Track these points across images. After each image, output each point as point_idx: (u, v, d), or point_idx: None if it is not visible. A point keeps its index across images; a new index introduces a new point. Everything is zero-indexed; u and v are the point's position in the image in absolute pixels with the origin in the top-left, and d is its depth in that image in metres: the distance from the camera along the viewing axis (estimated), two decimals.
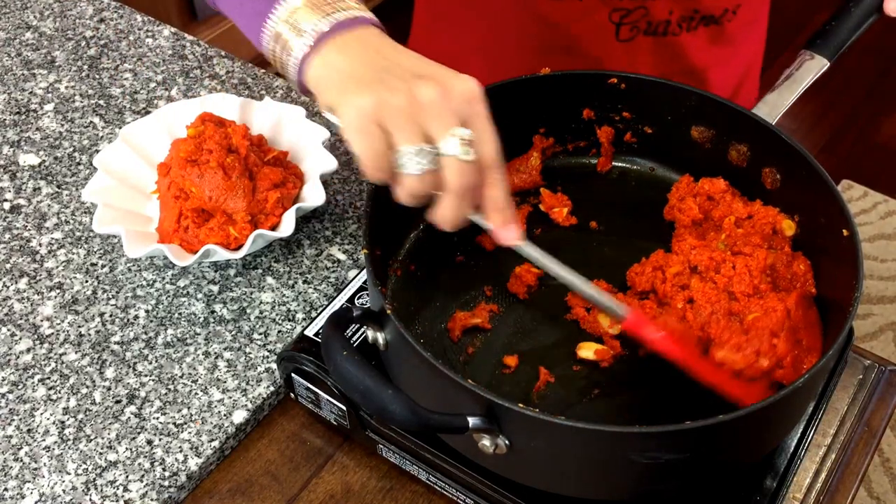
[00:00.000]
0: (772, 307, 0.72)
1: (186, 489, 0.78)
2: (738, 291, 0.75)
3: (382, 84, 0.63)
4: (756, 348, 0.70)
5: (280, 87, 1.10)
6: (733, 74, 1.10)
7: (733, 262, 0.76)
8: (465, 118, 0.63)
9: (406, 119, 0.62)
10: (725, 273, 0.76)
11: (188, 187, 0.87)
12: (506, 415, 0.62)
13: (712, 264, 0.77)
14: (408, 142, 0.62)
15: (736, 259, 0.77)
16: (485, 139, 0.64)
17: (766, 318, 0.72)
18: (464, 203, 0.65)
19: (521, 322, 0.79)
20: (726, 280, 0.76)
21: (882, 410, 0.79)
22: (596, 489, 0.69)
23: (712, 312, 0.74)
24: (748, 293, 0.75)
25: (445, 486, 0.75)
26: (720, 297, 0.75)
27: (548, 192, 0.87)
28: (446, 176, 0.63)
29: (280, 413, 0.83)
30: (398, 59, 0.65)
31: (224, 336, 0.86)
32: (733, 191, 0.83)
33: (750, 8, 1.04)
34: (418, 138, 0.62)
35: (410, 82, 0.62)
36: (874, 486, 1.77)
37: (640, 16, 0.98)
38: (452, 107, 0.62)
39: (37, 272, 0.91)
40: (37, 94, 1.10)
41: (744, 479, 0.72)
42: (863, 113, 2.58)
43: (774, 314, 0.72)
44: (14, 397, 0.82)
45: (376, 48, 0.66)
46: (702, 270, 0.77)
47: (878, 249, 2.20)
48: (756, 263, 0.76)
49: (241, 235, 0.86)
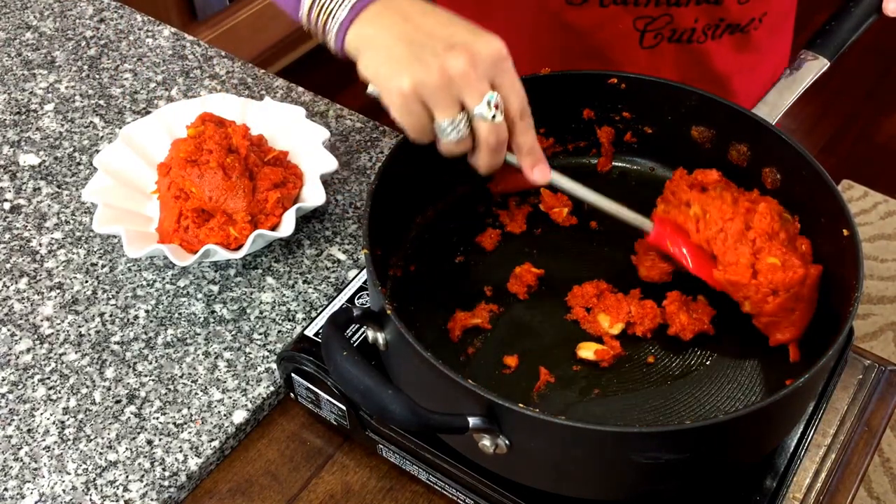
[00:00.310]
0: (793, 264, 0.73)
1: (186, 489, 0.78)
2: (757, 226, 0.75)
3: (418, 62, 0.67)
4: (749, 294, 0.72)
5: (280, 87, 1.10)
6: (758, 82, 1.09)
7: (753, 201, 0.77)
8: (493, 78, 0.68)
9: (443, 94, 0.67)
10: (744, 204, 0.77)
11: (188, 187, 0.87)
12: (506, 415, 0.62)
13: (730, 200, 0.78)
14: (446, 115, 0.68)
15: (756, 201, 0.77)
16: (513, 95, 0.70)
17: (782, 272, 0.73)
18: (498, 153, 0.72)
19: (521, 322, 0.79)
20: (745, 210, 0.76)
21: (882, 410, 0.79)
22: (596, 489, 0.69)
23: (721, 230, 0.75)
24: (767, 232, 0.75)
25: (445, 486, 0.75)
26: (735, 218, 0.75)
27: (548, 192, 0.87)
28: (480, 135, 0.70)
29: (280, 413, 0.83)
30: (427, 25, 0.69)
31: (224, 336, 0.86)
32: (727, 182, 0.83)
33: (776, 16, 1.04)
34: (455, 110, 0.68)
35: (441, 56, 0.67)
36: (874, 486, 1.77)
37: (665, 23, 0.98)
38: (480, 72, 0.67)
39: (37, 272, 0.91)
40: (37, 94, 1.10)
41: (744, 479, 0.72)
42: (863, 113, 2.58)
43: (792, 273, 0.72)
44: (14, 397, 0.82)
45: (405, 15, 0.70)
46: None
47: (878, 249, 2.20)
48: (776, 207, 0.77)
49: (241, 235, 0.86)
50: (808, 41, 0.86)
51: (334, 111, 1.07)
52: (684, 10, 0.97)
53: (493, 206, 0.88)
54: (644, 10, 0.97)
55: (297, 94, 1.09)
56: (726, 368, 0.75)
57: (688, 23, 0.98)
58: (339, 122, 1.06)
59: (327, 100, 1.09)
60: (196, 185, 0.87)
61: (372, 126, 1.05)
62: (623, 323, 0.77)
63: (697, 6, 0.97)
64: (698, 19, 0.98)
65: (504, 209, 0.87)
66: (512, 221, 0.86)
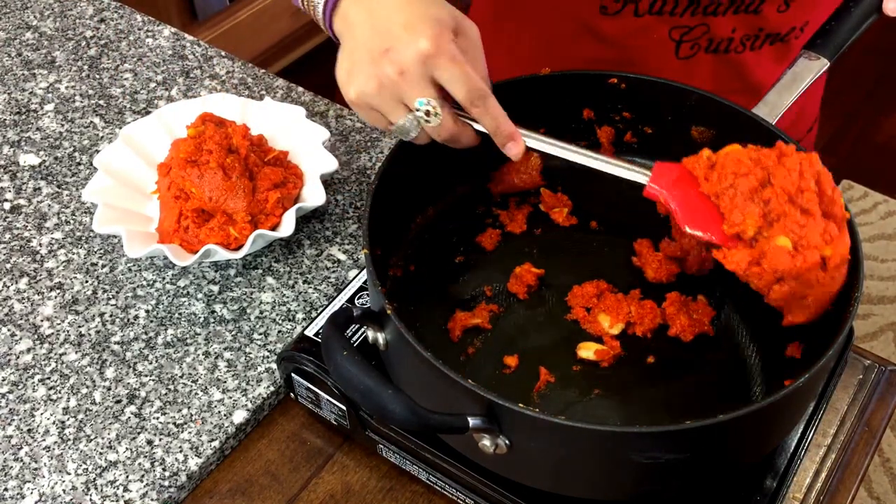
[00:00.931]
0: (809, 245, 0.64)
1: (186, 489, 0.78)
2: (778, 182, 0.65)
3: (360, 72, 0.71)
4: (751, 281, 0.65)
5: (280, 87, 1.10)
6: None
7: (785, 153, 0.67)
8: (430, 76, 0.70)
9: (382, 101, 0.71)
10: (770, 157, 0.67)
11: (188, 188, 0.87)
12: (506, 415, 0.62)
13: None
14: (393, 118, 0.72)
15: (789, 154, 0.67)
16: (456, 86, 0.70)
17: (790, 258, 0.64)
18: (457, 142, 0.75)
19: (521, 322, 0.79)
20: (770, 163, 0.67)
21: (882, 410, 0.79)
22: (596, 489, 0.69)
23: (732, 185, 0.67)
24: (788, 193, 0.65)
25: (445, 486, 0.75)
26: (752, 172, 0.66)
27: (548, 192, 0.87)
28: (430, 133, 0.74)
29: (280, 413, 0.83)
30: (380, 21, 0.71)
31: (224, 336, 0.86)
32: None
33: (818, 25, 1.03)
34: (400, 111, 0.72)
35: (376, 64, 0.70)
36: (874, 486, 1.77)
37: (701, 33, 0.96)
38: (411, 77, 0.69)
39: (37, 272, 0.91)
40: (37, 94, 1.10)
41: (744, 479, 0.72)
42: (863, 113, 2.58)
43: (802, 261, 0.64)
44: (14, 397, 0.82)
45: (370, 10, 0.72)
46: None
47: (878, 249, 2.20)
48: (813, 164, 0.66)
49: (241, 235, 0.86)
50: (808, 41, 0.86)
51: (334, 111, 1.07)
52: (721, 20, 0.95)
53: (493, 206, 0.88)
54: (680, 20, 0.95)
55: (297, 94, 1.09)
56: (726, 368, 0.75)
57: (725, 32, 0.96)
58: (339, 122, 1.06)
59: (327, 100, 1.09)
60: (196, 185, 0.87)
61: (372, 126, 1.05)
62: (623, 323, 0.77)
63: (735, 15, 0.95)
64: (736, 29, 0.96)
65: (504, 209, 0.87)
66: (512, 221, 0.86)
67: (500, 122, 0.73)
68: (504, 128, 0.74)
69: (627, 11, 0.95)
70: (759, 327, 0.78)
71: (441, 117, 0.72)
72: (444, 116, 0.72)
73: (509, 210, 0.87)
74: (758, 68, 1.01)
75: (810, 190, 0.66)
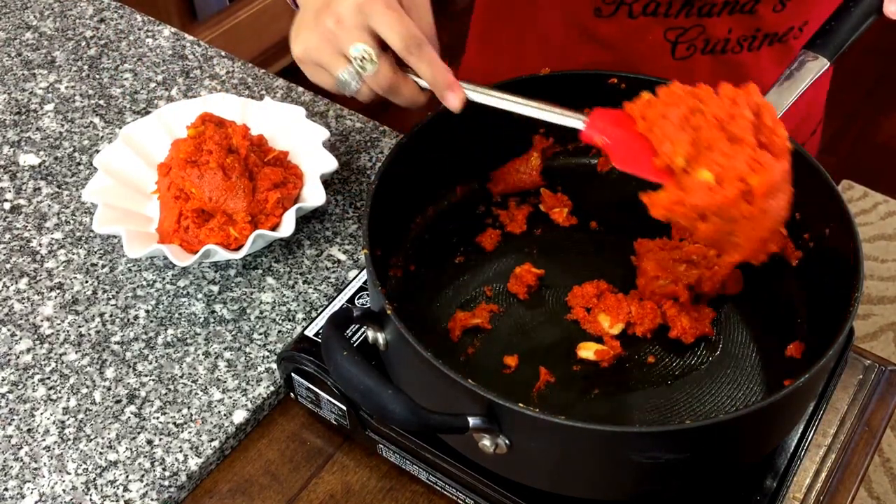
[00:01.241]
0: (733, 176, 0.61)
1: (186, 489, 0.78)
2: (709, 109, 0.63)
3: (305, 29, 0.74)
4: (674, 219, 0.63)
5: (280, 87, 1.10)
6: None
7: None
8: (366, 25, 0.71)
9: (323, 53, 0.73)
10: (706, 90, 0.65)
11: (188, 188, 0.87)
12: (506, 415, 0.62)
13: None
14: (334, 70, 0.73)
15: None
16: (391, 34, 0.71)
17: (709, 193, 0.62)
18: (396, 94, 0.75)
19: (521, 322, 0.79)
20: (703, 95, 0.65)
21: (882, 410, 0.79)
22: (596, 489, 0.69)
23: (663, 116, 0.66)
24: (718, 119, 0.62)
25: (445, 486, 0.75)
26: (683, 103, 0.64)
27: (548, 192, 0.87)
28: (369, 84, 0.74)
29: (280, 413, 0.83)
30: None
31: (224, 336, 0.86)
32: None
33: (819, 24, 1.02)
34: (340, 62, 0.73)
35: (318, 18, 0.72)
36: (874, 486, 1.77)
37: (697, 34, 0.95)
38: (349, 25, 0.71)
39: (37, 272, 0.91)
40: (37, 94, 1.10)
41: (744, 479, 0.72)
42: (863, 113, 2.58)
43: (722, 196, 0.61)
44: (14, 397, 0.82)
45: None
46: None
47: (878, 249, 2.20)
48: (750, 94, 0.64)
49: (241, 236, 0.86)
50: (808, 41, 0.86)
51: (334, 111, 1.07)
52: (716, 21, 0.95)
53: (493, 206, 0.88)
54: (675, 20, 0.94)
55: (297, 94, 1.09)
56: (726, 368, 0.75)
57: (721, 33, 0.96)
58: (339, 122, 1.06)
59: (327, 100, 1.09)
60: (196, 185, 0.87)
61: (372, 126, 1.05)
62: (623, 323, 0.77)
63: (730, 16, 0.95)
64: (732, 29, 0.96)
65: (504, 209, 0.87)
66: (512, 221, 0.86)
67: (437, 70, 0.73)
68: (441, 77, 0.73)
69: (622, 13, 0.95)
70: (759, 327, 0.78)
71: (377, 65, 0.72)
72: (381, 64, 0.72)
73: (509, 210, 0.87)
74: (757, 69, 1.00)
75: (742, 117, 0.63)
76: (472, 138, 0.84)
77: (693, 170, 0.63)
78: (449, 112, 0.74)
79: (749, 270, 0.80)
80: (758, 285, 0.80)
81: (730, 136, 0.63)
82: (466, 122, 0.81)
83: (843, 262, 0.72)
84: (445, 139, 0.82)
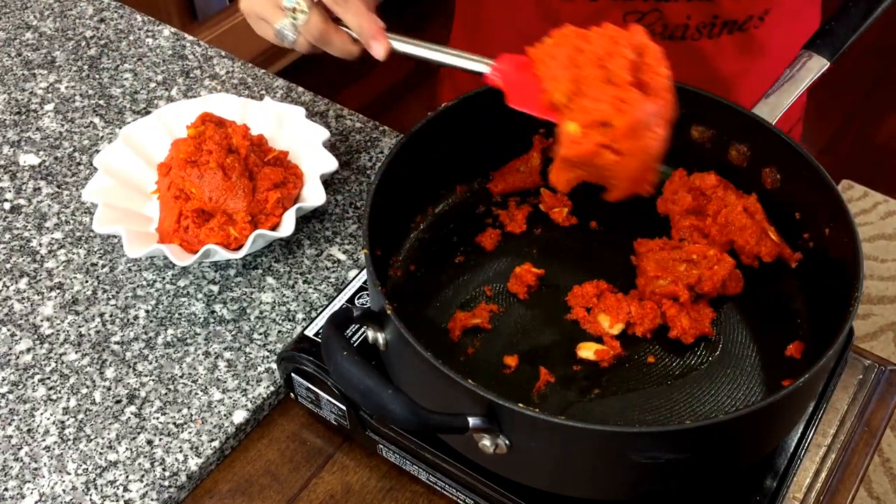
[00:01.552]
0: (597, 118, 0.65)
1: (186, 489, 0.78)
2: (590, 50, 0.67)
3: None
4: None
5: (280, 87, 1.10)
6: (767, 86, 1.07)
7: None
8: None
9: (263, 6, 0.79)
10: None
11: (188, 188, 0.87)
12: (506, 415, 0.62)
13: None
14: (274, 22, 0.79)
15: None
16: None
17: (578, 142, 0.66)
18: (328, 44, 0.79)
19: (521, 322, 0.79)
20: (588, 38, 0.69)
21: (882, 410, 0.79)
22: (596, 489, 0.69)
23: (552, 56, 0.70)
24: (593, 61, 0.67)
25: (445, 486, 0.75)
26: (570, 44, 0.69)
27: (548, 192, 0.87)
28: (304, 35, 0.79)
29: (280, 413, 0.83)
30: None
31: (224, 336, 0.86)
32: (726, 183, 0.82)
33: (783, 16, 1.00)
34: (278, 14, 0.78)
35: None
36: (874, 486, 1.77)
37: (655, 18, 0.96)
38: None
39: (37, 272, 0.91)
40: (37, 94, 1.10)
41: (744, 479, 0.72)
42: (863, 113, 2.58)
43: (585, 141, 0.66)
44: (14, 397, 0.82)
45: None
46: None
47: (878, 249, 2.20)
48: (635, 35, 0.69)
49: (241, 235, 0.86)
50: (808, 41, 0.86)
51: (334, 111, 1.07)
52: (674, 6, 0.96)
53: (493, 206, 0.88)
54: (633, 3, 0.95)
55: (297, 94, 1.09)
56: (726, 368, 0.75)
57: (679, 19, 0.97)
58: (339, 122, 1.06)
59: (327, 100, 1.09)
60: (196, 185, 0.87)
61: (372, 126, 1.05)
62: (623, 323, 0.77)
63: (688, 2, 0.95)
64: (690, 16, 0.97)
65: (504, 209, 0.87)
66: (512, 221, 0.86)
67: (363, 20, 0.77)
68: (368, 26, 0.77)
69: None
70: (759, 327, 0.78)
71: (308, 14, 0.77)
72: (312, 14, 0.77)
73: (509, 210, 0.87)
74: (720, 59, 1.01)
75: (621, 55, 0.67)
76: (472, 138, 0.84)
77: (573, 106, 0.67)
78: (449, 112, 0.74)
79: (749, 270, 0.80)
80: (758, 285, 0.80)
81: (607, 74, 0.67)
82: (467, 122, 0.82)
83: (842, 262, 0.72)
84: (445, 139, 0.82)
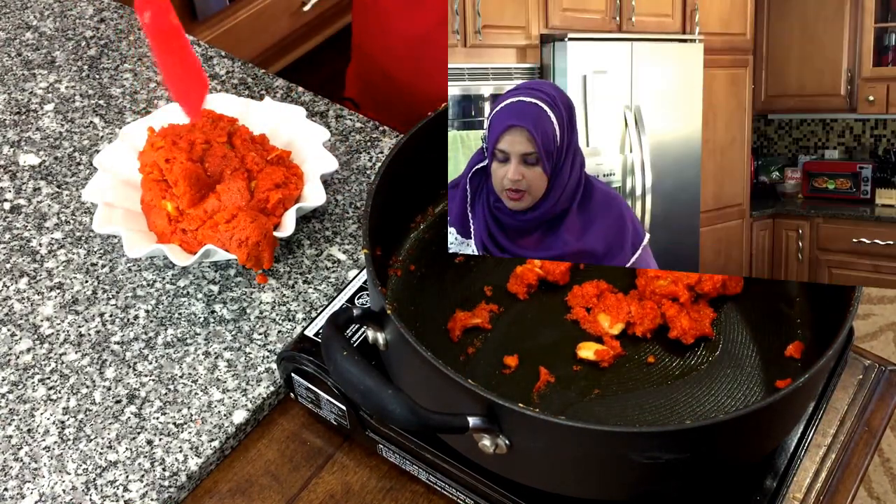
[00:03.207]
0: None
1: (186, 489, 0.78)
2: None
3: None
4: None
5: (280, 87, 1.10)
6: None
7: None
8: None
9: None
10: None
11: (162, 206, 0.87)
12: (506, 415, 0.62)
13: None
14: None
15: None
16: None
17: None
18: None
19: (521, 322, 0.79)
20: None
21: (882, 410, 0.79)
22: (596, 489, 0.69)
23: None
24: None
25: (445, 486, 0.75)
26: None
27: None
28: None
29: (280, 413, 0.83)
30: None
31: (224, 336, 0.86)
32: None
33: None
34: None
35: None
36: (874, 486, 1.77)
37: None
38: None
39: (37, 272, 0.91)
40: (37, 94, 1.10)
41: (744, 479, 0.72)
42: None
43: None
44: (14, 397, 0.82)
45: None
46: None
47: None
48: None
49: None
50: None
51: (334, 111, 1.07)
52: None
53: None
54: None
55: (297, 94, 1.09)
56: (726, 368, 0.75)
57: None
58: (339, 122, 1.06)
59: (327, 100, 1.09)
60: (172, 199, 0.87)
61: (372, 126, 1.05)
62: (623, 323, 0.77)
63: None
64: None
65: None
66: None
67: None
68: None
69: None
70: (759, 327, 0.78)
71: None
72: None
73: None
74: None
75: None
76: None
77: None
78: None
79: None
80: (758, 285, 0.80)
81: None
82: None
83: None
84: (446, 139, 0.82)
